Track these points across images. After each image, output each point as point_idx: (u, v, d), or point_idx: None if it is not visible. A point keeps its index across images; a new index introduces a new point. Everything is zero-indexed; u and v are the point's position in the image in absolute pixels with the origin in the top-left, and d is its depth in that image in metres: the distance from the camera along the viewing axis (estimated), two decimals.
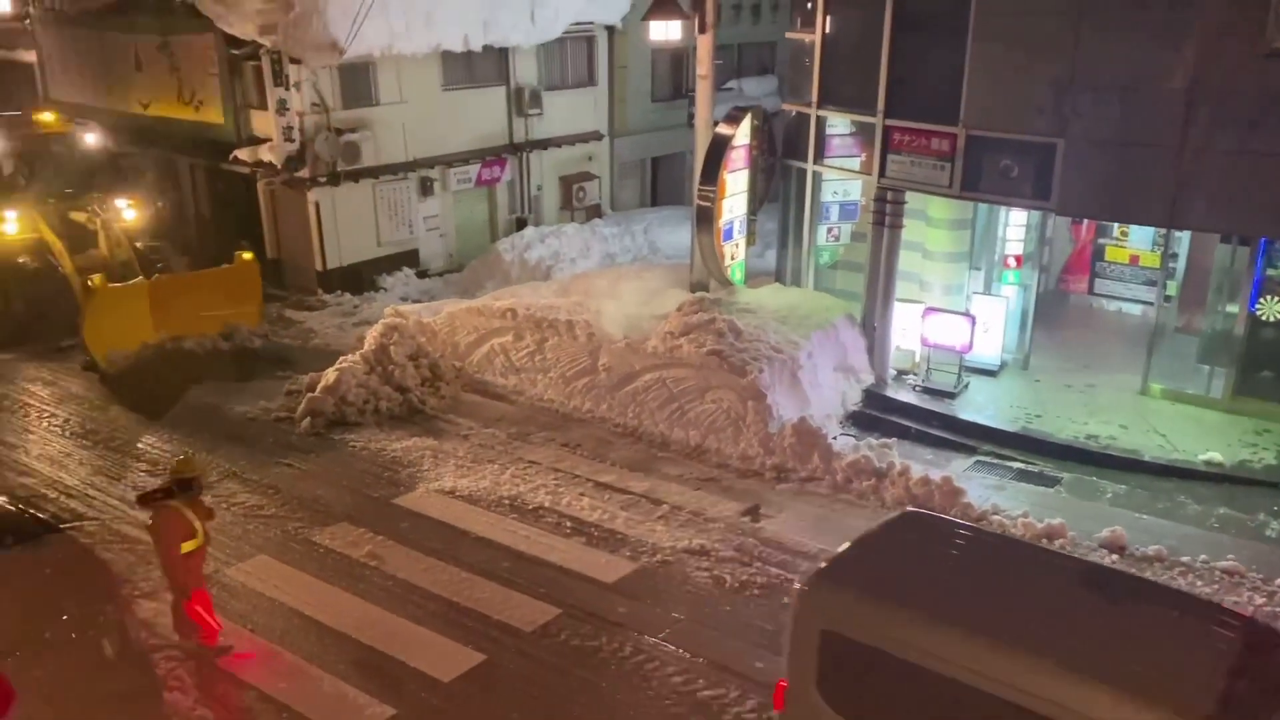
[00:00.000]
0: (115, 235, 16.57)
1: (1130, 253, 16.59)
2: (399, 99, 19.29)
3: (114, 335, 15.01)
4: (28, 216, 16.63)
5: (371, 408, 13.84)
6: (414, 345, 14.98)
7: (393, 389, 14.17)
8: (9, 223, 16.68)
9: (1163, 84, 11.36)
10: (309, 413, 13.55)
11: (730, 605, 9.63)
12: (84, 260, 16.27)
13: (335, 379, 13.85)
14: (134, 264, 16.42)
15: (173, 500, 8.55)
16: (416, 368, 14.60)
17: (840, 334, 14.36)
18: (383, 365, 14.37)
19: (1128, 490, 11.75)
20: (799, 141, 15.24)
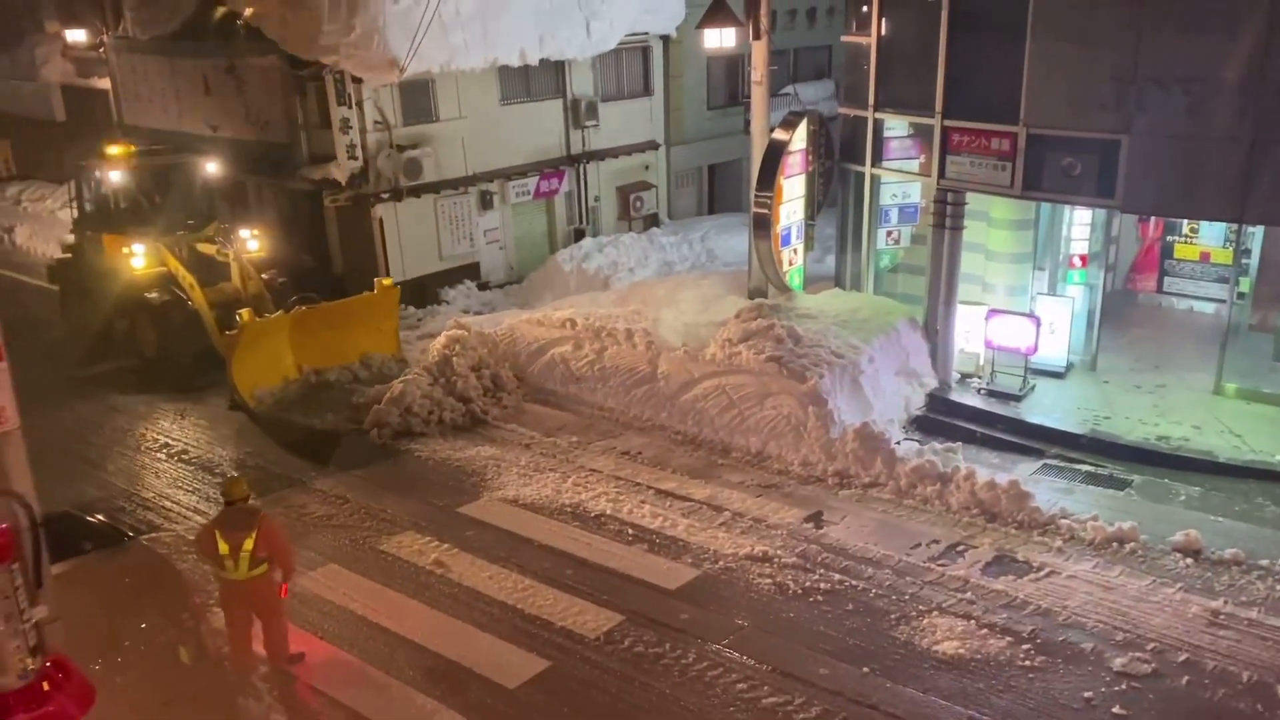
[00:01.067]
0: (246, 267, 16.10)
1: (1200, 249, 16.21)
2: (458, 114, 19.58)
3: (258, 372, 14.74)
4: (154, 250, 16.16)
5: (436, 418, 14.02)
6: (476, 356, 15.15)
7: (456, 399, 14.35)
8: (137, 257, 16.13)
9: (1229, 76, 11.10)
10: (375, 424, 13.79)
11: (793, 612, 9.59)
12: (215, 294, 15.90)
13: (400, 390, 14.07)
14: (265, 297, 15.94)
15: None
16: (479, 378, 14.78)
17: (902, 338, 14.23)
18: (446, 376, 14.58)
19: (1202, 493, 11.47)
20: (856, 145, 15.15)
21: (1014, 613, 9.43)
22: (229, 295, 16.03)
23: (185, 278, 15.78)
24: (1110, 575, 9.93)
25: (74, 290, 17.87)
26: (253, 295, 15.88)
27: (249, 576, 8.49)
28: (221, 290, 16.10)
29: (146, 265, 16.12)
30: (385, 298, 16.04)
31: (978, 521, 11.09)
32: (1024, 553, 10.43)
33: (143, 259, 16.09)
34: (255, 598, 8.63)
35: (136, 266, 16.08)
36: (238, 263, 16.02)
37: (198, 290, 15.62)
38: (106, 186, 16.92)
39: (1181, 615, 9.23)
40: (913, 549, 10.59)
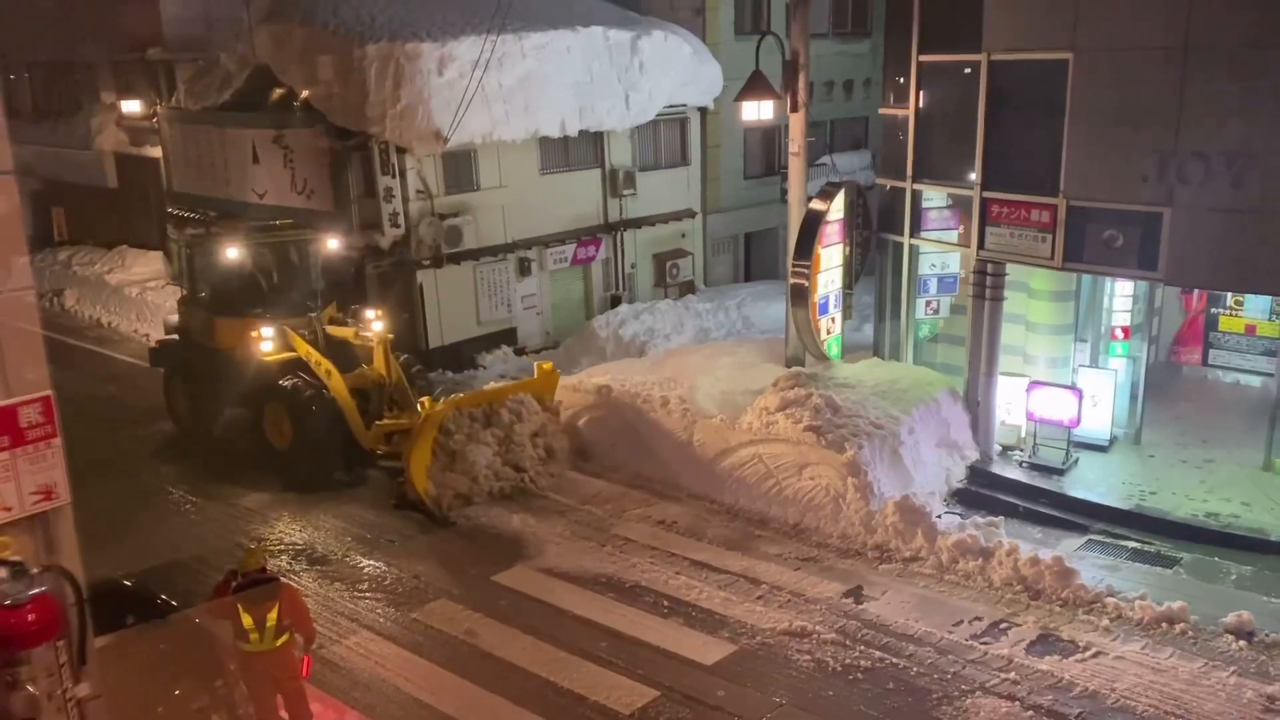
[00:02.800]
0: (388, 352, 14.62)
1: (1246, 322, 15.96)
2: (498, 183, 19.88)
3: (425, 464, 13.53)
4: (282, 333, 14.89)
5: (493, 488, 13.76)
6: (539, 423, 14.76)
7: (512, 469, 14.07)
8: (266, 340, 14.77)
9: (1273, 149, 11.03)
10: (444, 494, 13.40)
11: (833, 690, 9.37)
12: (355, 380, 14.67)
13: (473, 455, 13.73)
14: (404, 383, 14.60)
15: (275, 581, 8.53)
16: (534, 446, 14.50)
17: (942, 409, 14.08)
18: (506, 444, 14.24)
19: (1253, 571, 11.15)
20: (894, 215, 15.18)
21: (1060, 694, 9.16)
22: (370, 381, 14.80)
23: (321, 363, 14.50)
24: (1160, 657, 9.64)
25: (180, 377, 16.64)
26: (394, 382, 14.60)
27: (274, 647, 8.42)
28: (362, 376, 14.81)
29: (275, 350, 14.85)
30: (546, 382, 15.22)
31: (1021, 599, 10.84)
32: (1069, 632, 10.16)
33: (272, 343, 14.85)
34: (278, 669, 8.56)
35: (266, 351, 14.80)
36: (382, 346, 14.62)
37: (336, 376, 14.41)
38: (221, 264, 15.51)
39: (1236, 700, 8.92)
40: (955, 626, 10.35)
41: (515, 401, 14.56)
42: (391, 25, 18.41)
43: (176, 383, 16.70)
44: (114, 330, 23.80)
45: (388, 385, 14.60)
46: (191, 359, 16.27)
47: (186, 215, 23.98)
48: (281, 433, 14.62)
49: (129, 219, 28.44)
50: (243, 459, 15.18)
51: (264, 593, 8.42)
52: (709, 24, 22.91)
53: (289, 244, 16.26)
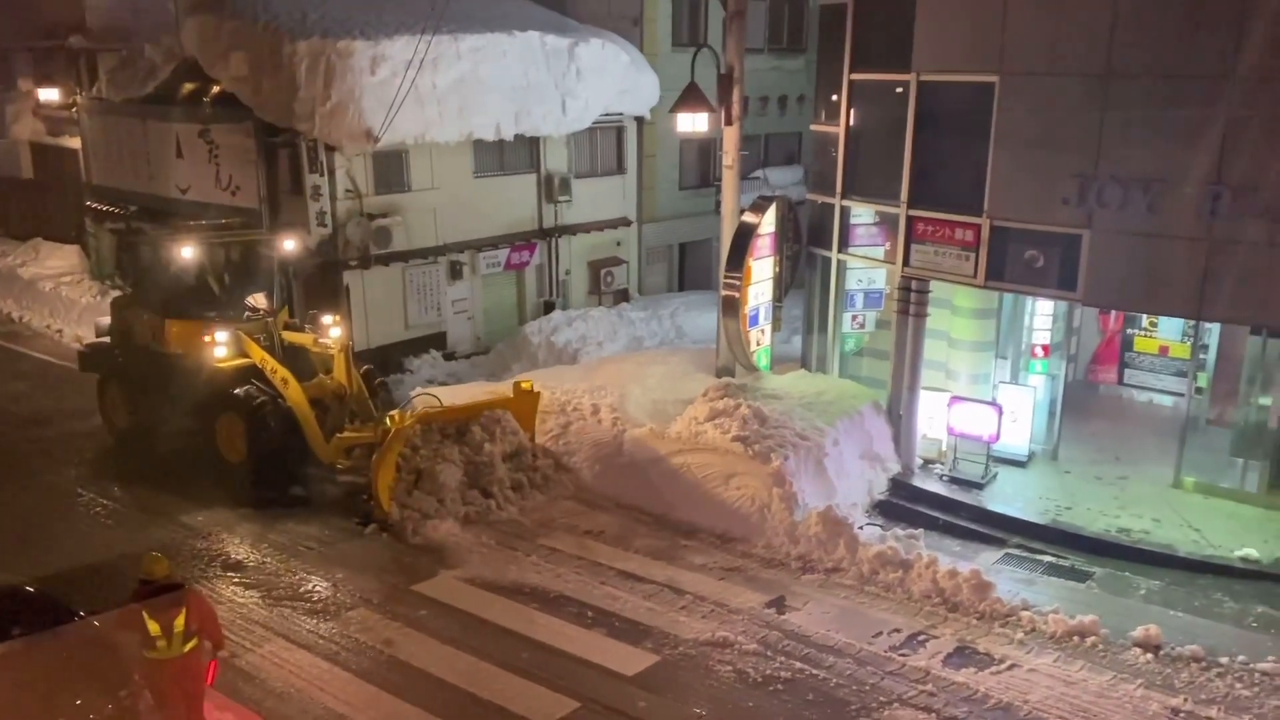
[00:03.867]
0: (350, 361, 14.02)
1: (1160, 343, 16.47)
2: (431, 185, 19.67)
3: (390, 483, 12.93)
4: (236, 339, 14.15)
5: (457, 512, 12.95)
6: (515, 442, 13.81)
7: (480, 493, 13.24)
8: (219, 346, 14.06)
9: (1189, 177, 11.40)
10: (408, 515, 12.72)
11: (753, 701, 9.40)
12: (315, 390, 13.92)
13: (443, 476, 13.01)
14: (364, 394, 14.02)
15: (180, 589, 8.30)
16: (506, 470, 13.51)
17: (866, 422, 14.27)
18: (476, 465, 13.41)
19: (1162, 586, 11.47)
20: (824, 230, 15.36)
21: (975, 706, 9.30)
22: (329, 391, 14.05)
23: (277, 371, 13.77)
24: (1071, 670, 9.85)
25: (120, 383, 15.65)
26: (355, 392, 13.99)
27: (182, 653, 8.19)
28: (321, 386, 14.08)
29: (228, 356, 14.11)
30: (523, 403, 14.20)
31: (939, 611, 11.00)
32: (985, 644, 10.33)
33: (225, 348, 14.09)
34: (186, 676, 8.31)
35: (219, 357, 14.06)
36: (343, 354, 13.98)
37: (294, 386, 13.65)
38: (171, 264, 14.59)
39: (1142, 713, 9.15)
40: (874, 638, 10.46)
41: (490, 419, 13.74)
42: (324, 22, 18.13)
43: (114, 389, 15.75)
44: (26, 326, 23.04)
45: (348, 396, 13.97)
46: (134, 364, 15.33)
47: (106, 209, 23.32)
48: (234, 445, 13.87)
49: (45, 211, 27.58)
50: (189, 472, 14.39)
51: (170, 599, 8.17)
52: (647, 34, 22.98)
53: (243, 244, 15.48)
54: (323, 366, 14.36)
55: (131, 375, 15.38)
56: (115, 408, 15.77)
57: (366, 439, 13.41)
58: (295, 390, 13.63)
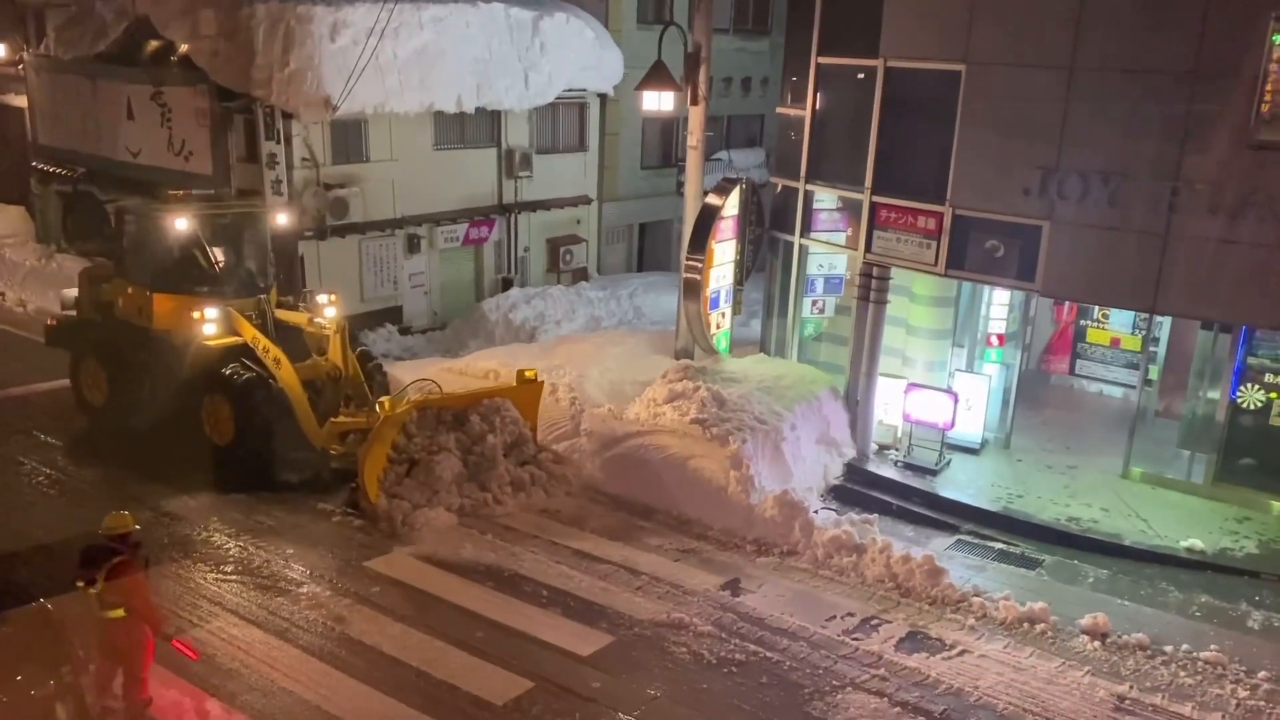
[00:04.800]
0: (345, 342, 13.45)
1: (1111, 335, 16.72)
2: (390, 156, 19.37)
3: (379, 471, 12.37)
4: (226, 316, 13.55)
5: (452, 505, 12.41)
6: (516, 433, 13.15)
7: (477, 487, 12.68)
8: (209, 323, 13.43)
9: (1148, 172, 11.53)
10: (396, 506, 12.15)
11: (707, 683, 9.41)
12: (307, 372, 13.34)
13: (440, 469, 12.41)
14: (360, 377, 13.52)
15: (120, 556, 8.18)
16: (506, 465, 12.88)
17: (824, 407, 14.32)
18: (475, 456, 12.87)
19: (1109, 575, 11.66)
20: (787, 214, 15.34)
21: (926, 691, 9.39)
22: (323, 373, 13.50)
23: (269, 350, 13.17)
24: (1021, 656, 9.99)
25: (97, 360, 14.78)
26: (350, 375, 13.45)
27: (104, 617, 8.15)
28: (315, 367, 13.52)
29: (219, 334, 13.50)
30: (526, 393, 13.55)
31: (892, 596, 11.09)
32: (937, 629, 10.44)
33: (215, 325, 13.47)
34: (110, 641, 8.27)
35: (208, 335, 13.45)
36: (339, 335, 13.41)
37: (287, 366, 13.07)
38: (161, 237, 14.01)
39: (1089, 699, 9.30)
40: (828, 621, 10.52)
41: (490, 408, 13.14)
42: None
43: (91, 367, 14.87)
44: None
45: (343, 378, 13.42)
46: (114, 340, 14.53)
47: (53, 170, 22.71)
48: (221, 427, 13.29)
49: None
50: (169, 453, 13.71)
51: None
52: (612, 10, 22.81)
53: (236, 217, 14.83)
54: (316, 347, 13.78)
55: (111, 352, 14.54)
56: (92, 386, 14.91)
57: (361, 424, 12.86)
58: (288, 371, 13.03)
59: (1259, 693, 9.38)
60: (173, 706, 8.66)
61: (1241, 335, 12.78)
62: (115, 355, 14.48)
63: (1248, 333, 12.76)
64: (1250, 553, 12.02)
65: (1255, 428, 12.98)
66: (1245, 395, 12.97)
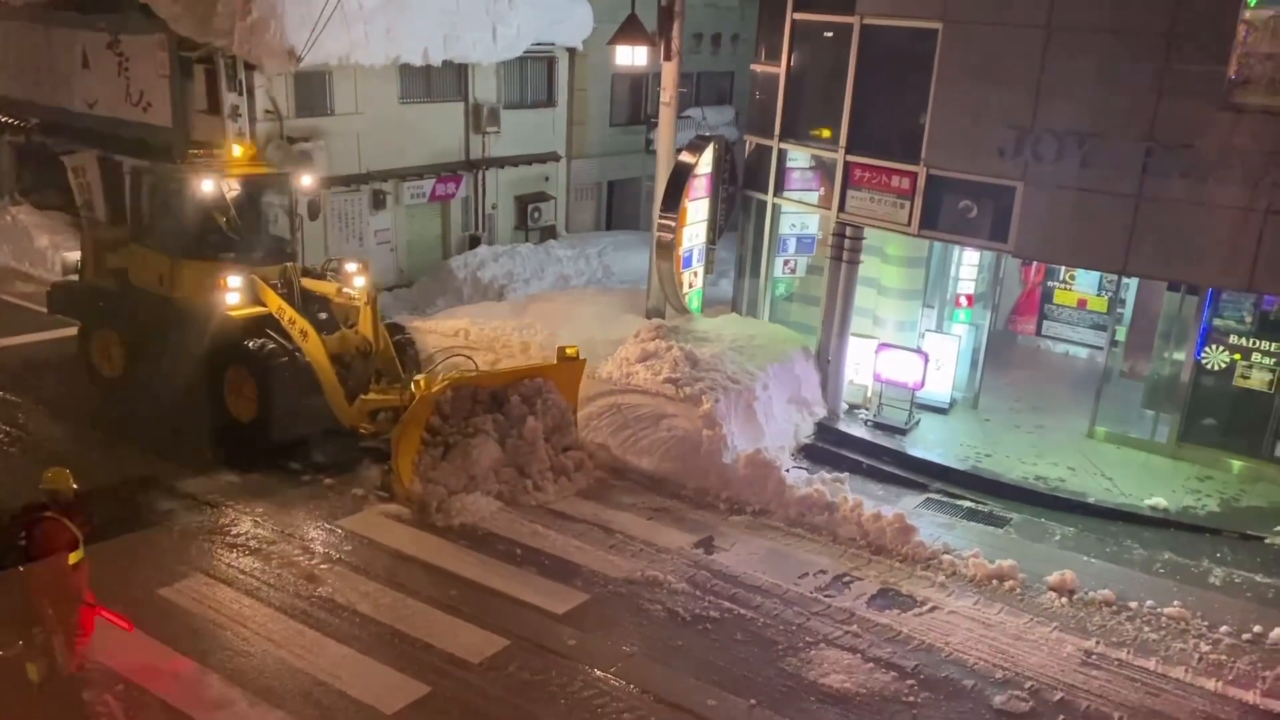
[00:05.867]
0: (376, 314, 12.74)
1: (1078, 296, 16.88)
2: (355, 110, 18.97)
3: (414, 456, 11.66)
4: (250, 284, 12.78)
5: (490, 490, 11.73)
6: (558, 416, 12.37)
7: (516, 471, 11.97)
8: (232, 292, 12.66)
9: (1122, 133, 11.57)
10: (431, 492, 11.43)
11: (682, 640, 9.46)
12: (336, 345, 12.57)
13: (477, 453, 11.73)
14: (391, 352, 12.76)
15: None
16: (551, 447, 12.22)
17: (795, 367, 14.35)
18: (514, 439, 12.11)
19: (1076, 533, 11.85)
20: (760, 173, 15.26)
21: (898, 647, 9.51)
22: (353, 347, 12.73)
23: (296, 321, 12.45)
24: (990, 613, 10.13)
25: (111, 331, 14.17)
26: (381, 350, 12.73)
27: None
28: (344, 341, 12.73)
29: (241, 304, 12.72)
30: (567, 372, 12.66)
31: (863, 553, 11.20)
32: (908, 586, 10.56)
33: (238, 294, 12.68)
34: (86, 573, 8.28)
35: (231, 305, 12.70)
36: (369, 306, 12.64)
37: (314, 339, 12.31)
38: (184, 200, 13.22)
39: (1057, 654, 9.46)
40: (800, 578, 10.61)
41: (530, 389, 12.35)
42: None
43: (105, 337, 14.26)
44: None
45: (373, 353, 12.67)
46: (130, 310, 13.85)
47: (5, 121, 22.05)
48: (244, 402, 12.62)
49: None
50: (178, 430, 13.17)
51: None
52: None
53: (259, 181, 14.06)
54: (345, 319, 13.05)
55: (128, 322, 13.87)
56: (105, 358, 14.30)
57: (393, 402, 12.16)
58: (315, 344, 12.29)
59: (1220, 647, 9.60)
60: (144, 667, 8.56)
61: (1208, 297, 12.94)
62: (132, 326, 13.82)
63: (1214, 294, 12.92)
64: (1212, 511, 12.26)
65: (1219, 389, 13.19)
66: (1210, 356, 13.16)
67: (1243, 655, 9.47)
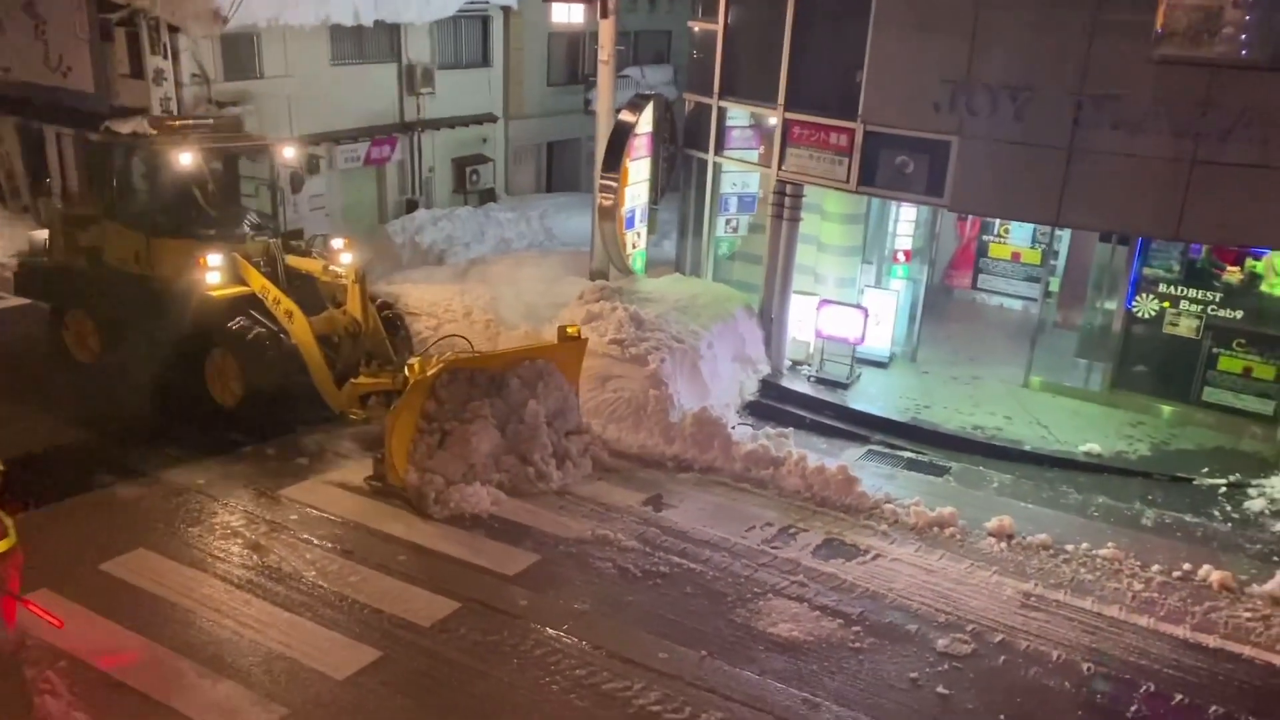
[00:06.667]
0: (364, 293, 12.10)
1: (1012, 249, 17.18)
2: (285, 72, 18.57)
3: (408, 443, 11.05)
4: (232, 263, 12.31)
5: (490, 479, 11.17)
6: (560, 399, 11.73)
7: (518, 458, 11.41)
8: (213, 271, 12.17)
9: (1054, 86, 11.74)
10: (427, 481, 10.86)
11: (633, 595, 9.56)
12: (323, 325, 12.08)
13: (476, 440, 11.10)
14: (381, 333, 12.24)
15: None
16: (552, 430, 11.58)
17: (739, 325, 14.45)
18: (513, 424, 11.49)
19: (1013, 479, 12.15)
20: (700, 132, 15.24)
21: (843, 595, 9.71)
22: (340, 328, 12.21)
23: (280, 301, 12.01)
24: (932, 559, 10.38)
25: (85, 313, 13.75)
26: (370, 330, 12.17)
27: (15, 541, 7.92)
28: (331, 321, 12.22)
29: (222, 282, 12.22)
30: (569, 352, 12.04)
31: (808, 505, 11.38)
32: (852, 536, 10.76)
33: (219, 274, 12.17)
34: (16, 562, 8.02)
35: (211, 284, 12.18)
36: (357, 285, 12.05)
37: (300, 319, 11.85)
38: (161, 174, 12.72)
39: (997, 597, 9.73)
40: (748, 532, 10.75)
41: (531, 371, 11.71)
42: None
43: (77, 320, 13.83)
44: None
45: (363, 333, 12.13)
46: (104, 291, 13.37)
47: None
48: (228, 386, 12.34)
49: None
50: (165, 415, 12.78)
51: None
52: None
53: (230, 151, 13.56)
54: (331, 298, 12.65)
55: (102, 304, 13.40)
56: (80, 342, 13.86)
57: (385, 386, 11.70)
58: (301, 325, 11.84)
59: (1153, 585, 9.94)
60: (88, 643, 8.42)
61: (1138, 246, 13.25)
62: (107, 308, 13.33)
63: (1144, 244, 13.24)
64: (1144, 455, 12.65)
65: (1149, 336, 13.56)
66: (1141, 305, 13.51)
67: (1173, 593, 9.82)
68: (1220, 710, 8.26)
